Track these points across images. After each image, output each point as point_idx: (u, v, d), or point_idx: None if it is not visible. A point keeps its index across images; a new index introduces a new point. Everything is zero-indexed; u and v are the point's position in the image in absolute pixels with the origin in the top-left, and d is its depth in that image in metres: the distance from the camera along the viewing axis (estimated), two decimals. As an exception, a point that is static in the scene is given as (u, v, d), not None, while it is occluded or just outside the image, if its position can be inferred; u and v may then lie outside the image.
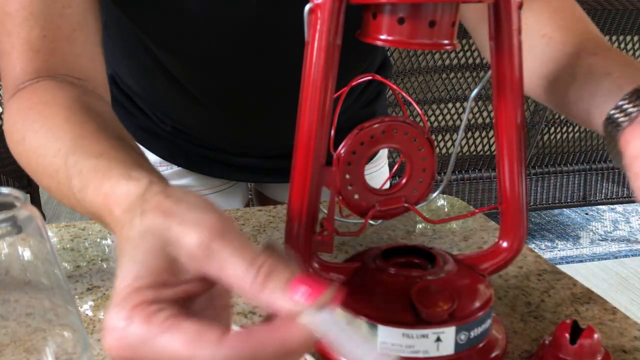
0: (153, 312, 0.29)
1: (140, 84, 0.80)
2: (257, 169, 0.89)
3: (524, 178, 0.51)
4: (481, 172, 2.37)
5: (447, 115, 2.22)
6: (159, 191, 0.35)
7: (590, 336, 0.46)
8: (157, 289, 0.30)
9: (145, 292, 0.30)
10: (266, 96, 0.74)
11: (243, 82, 0.72)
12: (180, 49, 0.68)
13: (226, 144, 0.85)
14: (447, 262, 0.51)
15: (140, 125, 0.85)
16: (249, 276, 0.30)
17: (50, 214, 3.03)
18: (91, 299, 0.59)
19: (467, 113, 0.57)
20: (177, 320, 0.29)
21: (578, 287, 0.63)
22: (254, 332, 0.29)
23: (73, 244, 0.71)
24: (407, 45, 0.44)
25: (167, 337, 0.29)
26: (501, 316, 0.57)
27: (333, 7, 0.43)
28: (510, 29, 0.48)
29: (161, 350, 0.29)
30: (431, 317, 0.46)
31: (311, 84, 0.44)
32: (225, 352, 0.28)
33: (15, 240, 0.38)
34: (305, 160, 0.46)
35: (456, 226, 0.77)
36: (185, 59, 0.70)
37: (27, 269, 0.38)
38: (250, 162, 0.88)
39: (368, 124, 0.49)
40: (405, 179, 0.52)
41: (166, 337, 0.29)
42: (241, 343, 0.29)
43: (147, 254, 0.32)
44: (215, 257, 0.31)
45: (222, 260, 0.31)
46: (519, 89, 0.49)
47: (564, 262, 2.54)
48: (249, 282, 0.30)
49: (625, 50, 2.25)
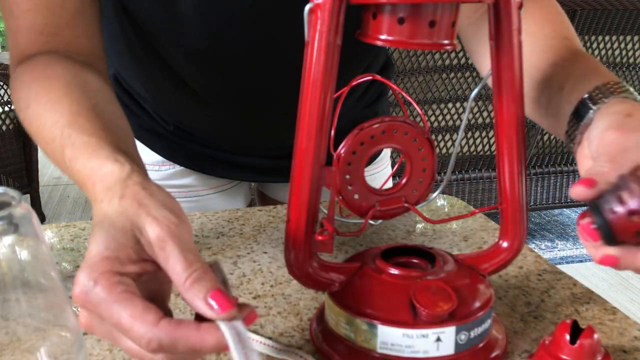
0: (115, 282, 0.37)
1: (143, 83, 0.80)
2: (260, 168, 0.88)
3: (524, 178, 0.51)
4: (481, 172, 2.37)
5: (447, 115, 2.22)
6: (138, 182, 0.42)
7: (590, 336, 0.46)
8: (122, 263, 0.38)
9: (112, 262, 0.37)
10: (269, 95, 0.74)
11: (245, 81, 0.72)
12: (182, 47, 0.68)
13: (229, 143, 0.85)
14: (447, 262, 0.51)
15: (143, 125, 0.85)
16: (183, 275, 0.37)
17: (50, 214, 3.03)
18: (91, 299, 0.59)
19: (467, 113, 0.57)
20: (130, 295, 0.37)
21: (578, 287, 0.63)
22: (184, 325, 0.36)
23: (73, 244, 0.71)
24: (407, 45, 0.44)
25: (118, 306, 0.36)
26: (501, 316, 0.57)
27: (333, 7, 0.42)
28: (510, 29, 0.48)
29: (110, 314, 0.36)
30: (431, 317, 0.46)
31: (311, 84, 0.44)
32: (157, 333, 0.35)
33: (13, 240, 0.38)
34: (305, 160, 0.46)
35: (456, 226, 0.77)
36: (188, 57, 0.70)
37: (25, 269, 0.38)
38: (253, 162, 0.88)
39: (368, 124, 0.49)
40: (405, 179, 0.52)
41: (118, 306, 0.36)
42: (171, 330, 0.36)
43: (118, 231, 0.39)
44: (165, 250, 0.38)
45: (169, 255, 0.38)
46: (519, 89, 0.49)
47: (564, 262, 2.54)
48: (182, 280, 0.37)
49: (626, 50, 2.25)
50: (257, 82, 0.72)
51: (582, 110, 0.51)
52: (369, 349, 0.48)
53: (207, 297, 0.37)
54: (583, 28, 2.15)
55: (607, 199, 0.43)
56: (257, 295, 0.60)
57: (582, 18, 2.11)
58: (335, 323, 0.50)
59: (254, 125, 0.80)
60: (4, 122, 2.44)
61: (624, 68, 2.30)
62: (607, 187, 0.43)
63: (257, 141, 0.84)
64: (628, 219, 0.42)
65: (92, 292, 0.37)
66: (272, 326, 0.55)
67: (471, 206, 0.86)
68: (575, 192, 0.44)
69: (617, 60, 2.27)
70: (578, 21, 2.11)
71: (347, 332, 0.49)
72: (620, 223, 0.42)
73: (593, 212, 0.44)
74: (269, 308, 0.58)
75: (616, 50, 2.25)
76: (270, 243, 0.71)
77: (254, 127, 0.80)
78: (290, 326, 0.55)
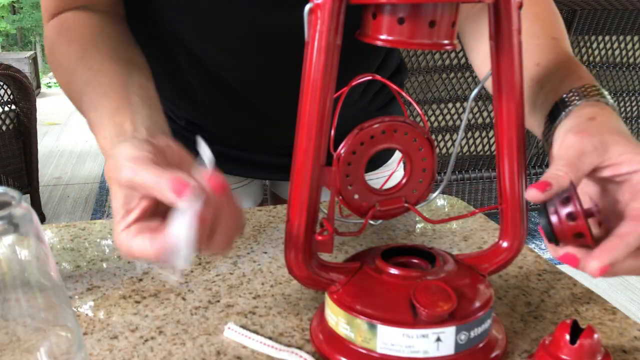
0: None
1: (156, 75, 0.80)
2: (272, 166, 0.88)
3: (524, 178, 0.51)
4: (481, 172, 2.37)
5: (447, 115, 2.22)
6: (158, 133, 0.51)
7: (590, 336, 0.46)
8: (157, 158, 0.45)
9: (152, 156, 0.45)
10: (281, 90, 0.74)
11: (258, 74, 0.72)
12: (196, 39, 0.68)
13: (239, 138, 0.85)
14: (447, 262, 0.51)
15: None
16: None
17: (50, 214, 3.03)
18: (91, 299, 0.59)
19: (467, 113, 0.57)
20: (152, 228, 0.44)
21: (578, 287, 0.63)
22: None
23: (73, 244, 0.71)
24: (407, 45, 0.44)
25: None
26: (501, 316, 0.57)
27: (333, 7, 0.42)
28: (510, 29, 0.48)
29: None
30: (431, 317, 0.46)
31: (311, 84, 0.44)
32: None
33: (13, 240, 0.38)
34: (305, 160, 0.46)
35: (456, 226, 0.77)
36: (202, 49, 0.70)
37: (25, 269, 0.38)
38: (266, 159, 0.87)
39: (368, 124, 0.49)
40: (405, 179, 0.52)
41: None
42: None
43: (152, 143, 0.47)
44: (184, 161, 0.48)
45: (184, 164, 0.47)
46: (519, 89, 0.49)
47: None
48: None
49: (626, 50, 2.25)
50: (272, 75, 0.72)
51: (555, 111, 0.53)
52: (369, 349, 0.48)
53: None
54: (583, 28, 2.15)
55: (553, 201, 0.46)
56: (257, 295, 0.60)
57: (582, 18, 2.11)
58: (335, 323, 0.50)
59: (269, 120, 0.79)
60: (4, 122, 2.44)
61: (624, 68, 2.30)
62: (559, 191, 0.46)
63: (272, 137, 0.83)
64: (567, 221, 0.45)
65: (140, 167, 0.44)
66: (272, 326, 0.55)
67: (471, 206, 0.86)
68: (529, 194, 0.47)
69: (617, 60, 2.27)
70: (578, 21, 2.11)
71: (347, 332, 0.49)
72: (559, 225, 0.46)
73: (540, 213, 0.47)
74: (269, 308, 0.58)
75: (616, 50, 2.25)
76: (270, 243, 0.71)
77: (268, 122, 0.80)
78: (290, 326, 0.55)
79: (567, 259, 0.46)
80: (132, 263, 0.66)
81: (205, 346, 0.52)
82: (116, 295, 0.60)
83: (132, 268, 0.65)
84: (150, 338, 0.53)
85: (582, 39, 2.18)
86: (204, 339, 0.53)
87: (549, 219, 0.46)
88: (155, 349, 0.52)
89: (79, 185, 3.47)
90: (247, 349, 0.52)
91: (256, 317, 0.56)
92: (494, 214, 0.53)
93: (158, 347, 0.52)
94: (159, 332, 0.54)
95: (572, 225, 0.45)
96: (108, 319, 0.56)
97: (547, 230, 0.46)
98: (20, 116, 2.49)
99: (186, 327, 0.55)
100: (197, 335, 0.54)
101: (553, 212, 0.46)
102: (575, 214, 0.45)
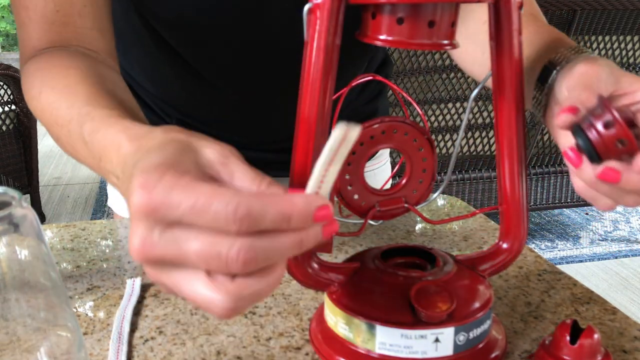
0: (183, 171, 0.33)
1: (147, 73, 0.80)
2: (268, 163, 0.88)
3: (524, 178, 0.51)
4: (481, 172, 2.37)
5: (447, 115, 2.22)
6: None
7: (590, 336, 0.46)
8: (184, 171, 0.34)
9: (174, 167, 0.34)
10: (278, 86, 0.74)
11: (253, 68, 0.72)
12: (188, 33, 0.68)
13: (232, 134, 0.85)
14: (446, 263, 0.51)
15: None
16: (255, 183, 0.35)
17: (50, 214, 3.03)
18: (91, 299, 0.59)
19: (467, 113, 0.57)
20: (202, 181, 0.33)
21: (578, 287, 0.63)
22: (268, 192, 0.35)
23: (73, 244, 0.71)
24: (406, 46, 0.44)
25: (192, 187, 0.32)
26: (501, 316, 0.57)
27: (332, 7, 0.42)
28: (510, 29, 0.48)
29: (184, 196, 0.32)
30: (430, 317, 0.46)
31: (310, 84, 0.44)
32: (244, 197, 0.32)
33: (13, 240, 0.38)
34: (304, 159, 0.46)
35: (456, 226, 0.77)
36: (194, 42, 0.70)
37: (25, 269, 0.38)
38: (260, 156, 0.87)
39: (368, 124, 0.49)
40: (405, 179, 0.52)
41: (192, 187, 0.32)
42: (258, 194, 0.33)
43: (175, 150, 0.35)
44: (228, 167, 0.36)
45: (233, 170, 0.36)
46: (519, 89, 0.49)
47: (564, 262, 2.54)
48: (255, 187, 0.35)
49: (626, 50, 2.25)
50: (268, 70, 0.72)
51: (545, 73, 0.52)
52: (368, 349, 0.48)
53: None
54: (583, 28, 2.15)
55: (586, 118, 0.45)
56: (257, 295, 0.60)
57: (582, 18, 2.11)
58: (335, 323, 0.50)
59: (264, 115, 0.79)
60: (4, 122, 2.44)
61: (624, 68, 2.30)
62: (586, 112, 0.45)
63: (267, 133, 0.83)
64: (605, 131, 0.44)
65: (160, 183, 0.32)
66: (272, 326, 0.55)
67: (471, 206, 0.86)
68: (561, 120, 0.45)
69: (617, 60, 2.27)
70: (578, 21, 2.11)
71: (346, 332, 0.49)
72: (599, 138, 0.44)
73: (575, 134, 0.45)
74: (269, 308, 0.58)
75: (616, 50, 2.25)
76: (270, 243, 0.71)
77: (263, 117, 0.79)
78: (290, 326, 0.55)
79: (607, 175, 0.44)
80: (131, 263, 0.66)
81: (205, 346, 0.52)
82: (116, 295, 0.60)
83: (132, 268, 0.65)
84: (150, 338, 0.53)
85: (582, 39, 2.18)
86: (204, 339, 0.53)
87: (587, 136, 0.44)
88: (155, 349, 0.52)
89: (79, 185, 3.47)
90: (247, 349, 0.52)
91: (256, 317, 0.56)
92: (494, 214, 0.53)
93: (158, 347, 0.52)
94: (159, 332, 0.54)
95: (612, 134, 0.43)
96: (108, 319, 0.56)
97: (588, 148, 0.44)
98: (20, 116, 2.49)
99: (186, 327, 0.55)
100: (197, 335, 0.54)
101: (588, 127, 0.44)
102: (612, 121, 0.43)
